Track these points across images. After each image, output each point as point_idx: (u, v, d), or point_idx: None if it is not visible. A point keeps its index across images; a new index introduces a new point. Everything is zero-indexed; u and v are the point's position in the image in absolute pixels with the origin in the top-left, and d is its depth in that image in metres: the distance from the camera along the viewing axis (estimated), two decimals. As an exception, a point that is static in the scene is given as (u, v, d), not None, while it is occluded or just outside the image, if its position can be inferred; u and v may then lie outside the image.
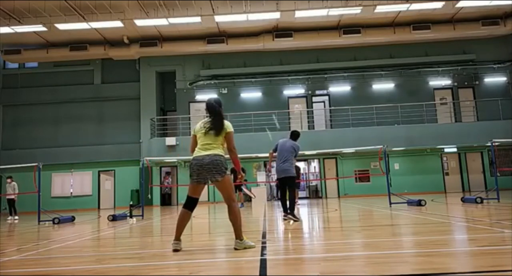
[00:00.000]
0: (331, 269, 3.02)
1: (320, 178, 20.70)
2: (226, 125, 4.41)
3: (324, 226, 6.77)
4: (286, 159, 7.48)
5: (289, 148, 7.54)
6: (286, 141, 7.70)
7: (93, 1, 15.64)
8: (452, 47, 20.57)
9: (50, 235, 7.19)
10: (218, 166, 4.25)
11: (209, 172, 4.25)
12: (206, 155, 4.29)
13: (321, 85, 21.04)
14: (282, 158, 7.53)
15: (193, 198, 4.39)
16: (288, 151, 7.51)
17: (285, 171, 7.48)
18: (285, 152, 7.53)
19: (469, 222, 5.97)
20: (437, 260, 3.15)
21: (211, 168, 4.24)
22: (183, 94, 21.23)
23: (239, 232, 4.24)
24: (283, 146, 7.60)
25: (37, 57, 20.45)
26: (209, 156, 4.28)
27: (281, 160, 7.53)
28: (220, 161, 4.28)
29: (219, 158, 4.28)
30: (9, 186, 13.92)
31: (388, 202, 10.63)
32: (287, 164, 7.47)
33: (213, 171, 4.25)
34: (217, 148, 4.35)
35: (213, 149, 4.32)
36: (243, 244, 4.21)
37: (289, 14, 16.83)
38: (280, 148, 7.62)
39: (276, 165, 7.60)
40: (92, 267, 3.63)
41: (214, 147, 4.34)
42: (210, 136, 4.36)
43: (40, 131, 21.40)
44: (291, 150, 7.53)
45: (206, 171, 4.25)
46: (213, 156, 4.27)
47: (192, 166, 4.35)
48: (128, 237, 6.26)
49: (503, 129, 17.45)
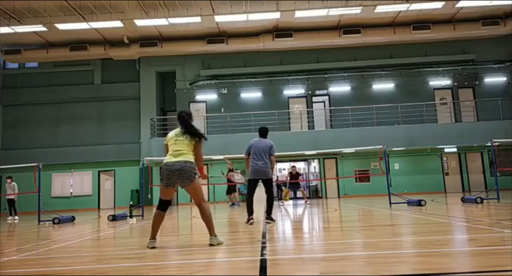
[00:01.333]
0: (331, 269, 3.02)
1: (320, 178, 20.69)
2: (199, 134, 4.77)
3: (324, 226, 6.77)
4: (262, 159, 7.02)
5: (265, 147, 7.07)
6: (260, 141, 7.21)
7: (93, 1, 15.63)
8: (452, 47, 20.57)
9: (50, 235, 7.19)
10: (187, 171, 4.57)
11: (179, 177, 4.57)
12: (176, 161, 4.59)
13: (321, 85, 21.03)
14: (258, 158, 7.03)
15: (165, 200, 4.77)
16: (265, 150, 7.05)
17: (262, 173, 7.02)
18: (261, 151, 7.04)
19: (469, 222, 5.96)
20: (437, 260, 3.15)
21: (181, 173, 4.55)
22: (183, 94, 21.22)
23: (212, 229, 4.60)
24: (257, 146, 7.10)
25: (37, 57, 20.45)
26: (179, 162, 4.58)
27: (258, 160, 7.03)
28: (190, 167, 4.59)
29: (189, 165, 4.60)
30: (9, 186, 13.91)
31: (388, 202, 10.63)
32: (265, 164, 7.01)
33: (183, 176, 4.56)
34: (187, 154, 4.66)
35: (183, 155, 4.63)
36: (217, 240, 4.56)
37: (289, 14, 16.83)
38: (254, 149, 7.11)
39: (252, 165, 7.07)
40: (92, 267, 3.63)
41: (184, 153, 4.65)
42: (181, 144, 4.69)
43: (40, 131, 21.39)
44: (267, 149, 7.06)
45: (176, 176, 4.56)
46: (183, 162, 4.58)
47: (163, 171, 4.67)
48: (128, 237, 6.26)
49: (503, 129, 17.45)
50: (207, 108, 21.16)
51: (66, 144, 21.09)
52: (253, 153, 7.12)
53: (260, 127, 7.50)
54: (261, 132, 7.40)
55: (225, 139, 18.72)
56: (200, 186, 4.70)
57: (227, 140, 18.60)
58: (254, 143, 7.22)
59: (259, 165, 7.02)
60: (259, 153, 7.06)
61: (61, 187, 20.89)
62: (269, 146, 7.13)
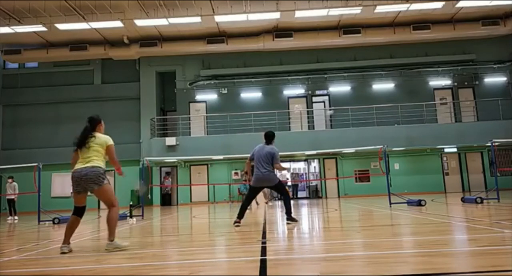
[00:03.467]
0: (331, 269, 3.02)
1: (320, 178, 20.69)
2: (104, 140, 4.85)
3: (324, 226, 6.77)
4: (264, 167, 6.88)
5: (266, 155, 6.90)
6: (263, 148, 7.06)
7: (93, 1, 15.63)
8: (452, 47, 20.57)
9: (50, 235, 7.19)
10: (94, 176, 4.63)
11: (86, 183, 4.61)
12: (84, 168, 4.67)
13: (321, 85, 21.03)
14: (260, 166, 6.91)
15: (79, 207, 4.79)
16: (266, 158, 6.89)
17: (266, 181, 6.93)
18: (261, 160, 6.92)
19: (469, 222, 5.97)
20: (437, 260, 3.15)
21: (88, 179, 4.61)
22: (183, 94, 21.22)
23: (112, 234, 4.56)
24: (259, 154, 6.97)
25: (37, 57, 20.44)
26: (86, 168, 4.65)
27: (259, 168, 6.92)
28: (97, 172, 4.66)
29: (97, 170, 4.66)
30: (9, 186, 13.91)
31: (388, 202, 10.63)
32: (266, 172, 6.87)
33: (89, 182, 4.61)
34: (96, 160, 4.73)
35: (92, 161, 4.70)
36: (113, 245, 4.51)
37: (289, 14, 16.82)
38: (256, 156, 7.00)
39: (255, 173, 6.99)
40: (92, 267, 3.63)
41: (94, 159, 4.72)
42: (90, 150, 4.76)
43: (40, 131, 21.39)
44: (268, 156, 6.88)
45: (84, 182, 4.61)
46: (90, 168, 4.65)
47: (72, 178, 4.73)
48: (128, 237, 6.26)
49: (503, 129, 17.44)
50: (207, 108, 21.16)
51: (66, 144, 20.72)
52: (255, 160, 7.02)
53: (265, 132, 7.27)
54: (265, 137, 7.21)
55: (225, 139, 18.73)
56: (109, 189, 4.75)
57: (227, 140, 18.61)
58: (257, 149, 7.10)
59: (261, 172, 6.89)
60: (260, 161, 6.93)
61: (61, 187, 20.87)
62: (272, 154, 6.93)
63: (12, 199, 13.78)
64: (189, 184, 20.48)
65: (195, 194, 20.49)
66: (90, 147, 4.76)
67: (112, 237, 4.54)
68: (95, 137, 4.85)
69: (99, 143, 4.81)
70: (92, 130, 4.96)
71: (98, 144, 4.80)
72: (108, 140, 4.92)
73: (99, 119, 5.09)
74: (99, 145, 4.79)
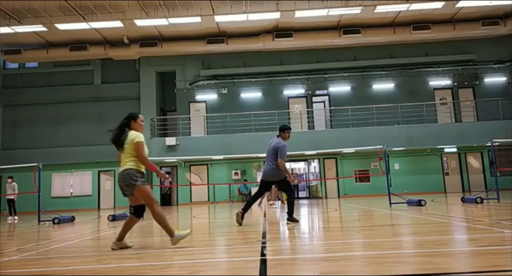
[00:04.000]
0: (331, 269, 3.02)
1: (320, 178, 20.70)
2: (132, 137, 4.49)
3: (324, 226, 6.77)
4: (269, 160, 6.86)
5: (272, 149, 6.86)
6: (272, 141, 7.04)
7: (93, 1, 15.64)
8: (452, 47, 20.57)
9: (50, 235, 7.19)
10: (126, 180, 4.45)
11: (122, 188, 4.49)
12: (120, 172, 4.53)
13: (321, 85, 21.04)
14: (267, 160, 6.96)
15: (134, 206, 4.66)
16: (271, 152, 6.85)
17: (268, 175, 6.89)
18: (268, 153, 6.93)
19: (469, 222, 5.96)
20: (437, 260, 3.15)
21: (121, 184, 4.49)
22: (183, 94, 21.23)
23: (168, 231, 4.47)
24: (268, 147, 6.98)
25: (37, 57, 20.45)
26: (120, 173, 4.51)
27: (266, 162, 6.97)
28: (127, 174, 4.44)
29: (127, 172, 4.45)
30: (9, 186, 13.92)
31: (388, 202, 10.63)
32: (268, 167, 6.85)
33: (123, 186, 4.47)
34: (128, 162, 4.49)
35: (124, 164, 4.51)
36: (175, 239, 4.47)
37: (289, 14, 16.83)
38: (267, 150, 7.02)
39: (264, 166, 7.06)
40: (92, 267, 3.63)
41: (126, 162, 4.50)
42: (124, 151, 4.54)
43: (40, 131, 21.40)
44: (273, 151, 6.82)
45: (121, 187, 4.52)
46: (122, 172, 4.49)
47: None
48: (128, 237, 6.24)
49: (503, 129, 17.44)
50: (207, 108, 21.16)
51: (66, 144, 21.09)
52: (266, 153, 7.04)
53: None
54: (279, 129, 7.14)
55: (225, 139, 18.73)
56: (145, 190, 4.50)
57: (227, 140, 18.61)
58: (269, 143, 7.09)
59: (267, 166, 6.91)
60: (267, 155, 6.97)
61: (61, 187, 20.89)
62: (276, 149, 6.78)
63: (12, 199, 13.78)
64: (189, 184, 20.48)
65: (195, 194, 20.49)
66: (124, 148, 4.51)
67: (170, 234, 4.47)
68: (127, 136, 4.52)
69: (128, 142, 4.49)
70: (125, 127, 4.59)
71: (128, 143, 4.49)
72: (136, 136, 4.51)
73: (134, 116, 4.68)
74: (128, 144, 4.48)
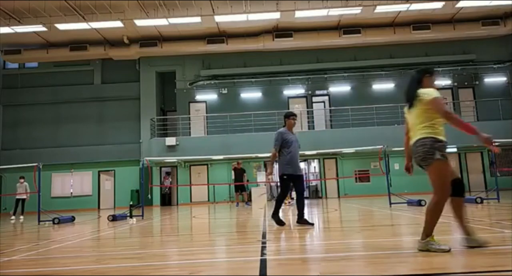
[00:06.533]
0: (331, 269, 3.02)
1: (320, 178, 20.70)
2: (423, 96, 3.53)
3: (324, 226, 6.77)
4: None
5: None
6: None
7: (93, 1, 15.63)
8: (452, 47, 20.57)
9: (50, 235, 7.19)
10: (420, 153, 3.51)
11: (418, 163, 3.60)
12: (412, 144, 3.64)
13: (321, 85, 21.03)
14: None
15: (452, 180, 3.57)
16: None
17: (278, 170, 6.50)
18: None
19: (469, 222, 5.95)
20: (437, 260, 3.14)
21: (416, 158, 3.61)
22: (183, 94, 21.23)
23: (427, 230, 3.52)
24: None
25: (37, 57, 20.45)
26: (413, 145, 3.62)
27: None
28: (423, 145, 3.49)
29: (422, 142, 3.51)
30: (21, 186, 14.09)
31: (388, 202, 10.63)
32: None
33: (419, 161, 3.57)
34: (421, 129, 3.56)
35: (416, 133, 3.61)
36: (425, 245, 3.48)
37: (289, 14, 16.82)
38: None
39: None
40: (92, 267, 3.63)
41: (418, 130, 3.59)
42: (411, 115, 3.66)
43: (40, 131, 21.40)
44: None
45: (417, 162, 3.64)
46: (414, 143, 3.60)
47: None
48: (128, 237, 6.26)
49: (503, 129, 17.44)
50: (207, 108, 21.16)
51: (66, 144, 21.09)
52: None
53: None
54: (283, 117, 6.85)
55: (225, 139, 18.73)
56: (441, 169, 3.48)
57: (227, 140, 18.61)
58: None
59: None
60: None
61: (61, 187, 20.89)
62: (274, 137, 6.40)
63: (24, 199, 13.97)
64: (189, 184, 20.48)
65: (195, 194, 20.49)
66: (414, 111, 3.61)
67: (426, 233, 3.49)
68: (418, 96, 3.57)
69: (421, 102, 3.54)
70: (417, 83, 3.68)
71: (419, 104, 3.55)
72: (428, 93, 3.52)
73: (428, 71, 3.75)
74: (420, 106, 3.55)
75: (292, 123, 6.73)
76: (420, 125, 3.56)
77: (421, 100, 3.54)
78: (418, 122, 3.57)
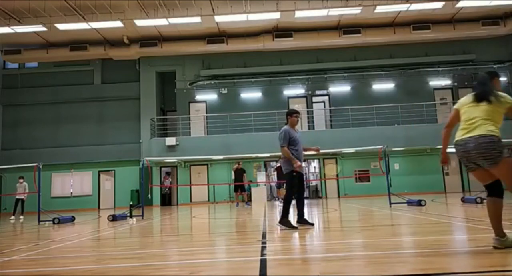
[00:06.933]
0: (331, 269, 3.02)
1: (320, 178, 20.69)
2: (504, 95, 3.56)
3: (324, 226, 6.77)
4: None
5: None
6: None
7: (93, 1, 15.63)
8: (452, 47, 20.57)
9: (50, 235, 7.19)
10: (488, 150, 3.35)
11: (477, 159, 3.42)
12: (474, 138, 3.43)
13: (321, 85, 21.03)
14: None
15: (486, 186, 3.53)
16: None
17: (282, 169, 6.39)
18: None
19: (469, 222, 5.96)
20: (437, 260, 3.15)
21: (473, 153, 3.42)
22: (183, 94, 21.23)
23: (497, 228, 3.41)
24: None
25: (37, 57, 20.45)
26: (476, 139, 3.42)
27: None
28: (491, 142, 3.35)
29: (490, 139, 3.37)
30: (20, 186, 14.10)
31: (388, 202, 10.63)
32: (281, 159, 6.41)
33: (477, 157, 3.41)
34: (489, 126, 3.45)
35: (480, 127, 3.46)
36: (504, 242, 3.37)
37: (289, 14, 16.82)
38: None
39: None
40: (92, 267, 3.63)
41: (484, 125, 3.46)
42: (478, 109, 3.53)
43: (40, 131, 21.40)
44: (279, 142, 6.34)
45: (472, 157, 3.45)
46: (478, 137, 3.41)
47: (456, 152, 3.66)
48: (128, 237, 6.26)
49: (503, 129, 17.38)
50: (207, 108, 21.16)
51: (66, 144, 21.09)
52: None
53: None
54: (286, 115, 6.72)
55: (225, 139, 18.73)
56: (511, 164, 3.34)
57: (227, 140, 18.61)
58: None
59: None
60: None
61: (61, 187, 20.89)
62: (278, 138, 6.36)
63: (22, 199, 13.98)
64: (189, 184, 20.48)
65: (195, 194, 20.48)
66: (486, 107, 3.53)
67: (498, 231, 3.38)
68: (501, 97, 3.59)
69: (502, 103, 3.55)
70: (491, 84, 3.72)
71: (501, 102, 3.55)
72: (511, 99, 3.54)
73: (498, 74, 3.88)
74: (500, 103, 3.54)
75: (295, 121, 6.60)
76: (490, 122, 3.49)
77: (504, 102, 3.54)
78: (489, 118, 3.49)
